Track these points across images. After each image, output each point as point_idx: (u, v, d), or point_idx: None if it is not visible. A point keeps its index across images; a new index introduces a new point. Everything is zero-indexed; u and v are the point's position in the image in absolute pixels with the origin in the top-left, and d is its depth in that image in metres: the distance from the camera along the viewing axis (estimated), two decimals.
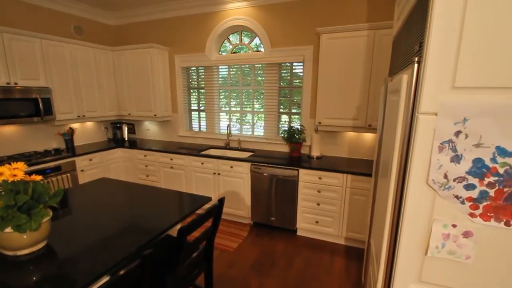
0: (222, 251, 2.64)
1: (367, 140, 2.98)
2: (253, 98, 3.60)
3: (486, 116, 0.84)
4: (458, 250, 0.95)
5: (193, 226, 1.39)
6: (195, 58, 3.69)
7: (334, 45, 2.64)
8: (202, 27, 3.54)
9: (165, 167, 3.54)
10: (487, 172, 0.87)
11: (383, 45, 2.45)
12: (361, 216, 2.60)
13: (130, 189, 2.11)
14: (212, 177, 3.26)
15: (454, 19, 0.83)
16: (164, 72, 3.80)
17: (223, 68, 3.64)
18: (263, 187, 2.99)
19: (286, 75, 3.33)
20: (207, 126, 3.94)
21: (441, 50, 0.86)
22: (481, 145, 0.86)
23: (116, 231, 1.45)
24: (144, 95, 3.75)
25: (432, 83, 0.89)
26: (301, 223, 2.88)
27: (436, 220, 0.96)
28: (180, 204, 1.84)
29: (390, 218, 1.11)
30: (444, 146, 0.90)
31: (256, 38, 3.41)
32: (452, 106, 0.87)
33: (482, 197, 0.89)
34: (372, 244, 1.67)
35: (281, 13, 3.10)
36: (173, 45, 3.78)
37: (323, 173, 2.67)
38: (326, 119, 2.83)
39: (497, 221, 0.89)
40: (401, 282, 1.06)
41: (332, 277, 2.29)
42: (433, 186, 0.94)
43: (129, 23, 4.01)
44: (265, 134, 3.59)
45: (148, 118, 3.86)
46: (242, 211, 3.17)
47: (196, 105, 3.99)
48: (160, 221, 1.58)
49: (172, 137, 4.13)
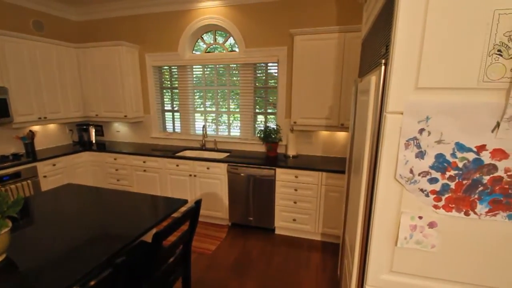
0: (200, 254, 2.59)
1: (340, 139, 3.09)
2: (228, 98, 3.57)
3: (446, 115, 0.91)
4: (424, 240, 1.02)
5: (168, 230, 1.35)
6: (167, 57, 3.58)
7: (307, 46, 2.71)
8: (174, 25, 3.45)
9: (138, 170, 3.40)
10: (448, 167, 0.94)
11: (353, 47, 2.55)
12: (336, 212, 2.69)
13: (99, 195, 2.00)
14: (188, 179, 3.19)
15: (417, 25, 0.88)
16: (134, 71, 3.65)
17: (197, 68, 3.58)
18: (240, 187, 2.98)
19: (261, 76, 3.35)
20: (181, 127, 3.85)
21: (405, 53, 0.91)
22: (442, 141, 0.93)
23: (85, 240, 1.36)
24: (113, 95, 3.57)
25: (398, 84, 0.94)
26: (279, 222, 2.92)
27: (404, 212, 1.02)
28: (155, 208, 1.77)
29: (362, 212, 1.16)
30: (409, 143, 0.96)
31: (231, 38, 3.39)
32: (416, 105, 0.93)
33: (444, 189, 0.96)
34: (346, 238, 1.73)
35: (255, 13, 3.11)
36: (143, 43, 3.64)
37: (299, 171, 2.72)
38: (301, 118, 2.89)
39: (458, 212, 0.96)
40: (374, 274, 1.12)
41: (310, 273, 2.35)
42: (400, 180, 1.00)
43: (95, 19, 3.79)
44: (242, 134, 3.58)
45: (118, 119, 3.68)
46: (219, 212, 3.14)
47: (169, 106, 3.88)
48: (133, 227, 1.51)
49: (145, 139, 3.98)
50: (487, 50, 0.84)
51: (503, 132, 0.86)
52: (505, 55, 0.82)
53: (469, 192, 0.94)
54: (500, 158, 0.88)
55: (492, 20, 0.81)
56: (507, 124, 0.85)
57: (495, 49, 0.83)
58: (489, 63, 0.84)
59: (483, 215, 0.94)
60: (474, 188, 0.93)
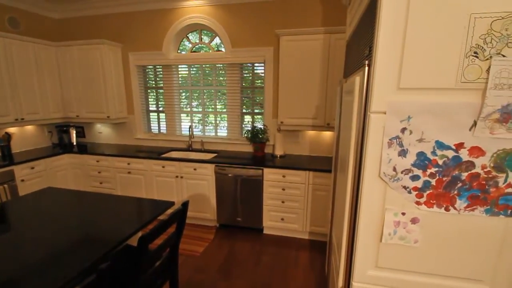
0: (187, 257, 2.56)
1: (326, 138, 3.14)
2: (215, 99, 3.55)
3: (426, 114, 0.94)
4: (408, 235, 1.05)
5: (154, 233, 1.32)
6: (151, 56, 3.51)
7: (293, 47, 2.73)
8: (158, 24, 3.39)
9: (122, 173, 3.31)
10: (429, 164, 0.97)
11: (337, 48, 2.60)
12: (323, 211, 2.73)
13: (81, 199, 1.93)
14: (174, 180, 3.14)
15: (398, 28, 0.91)
16: (117, 70, 3.55)
17: (183, 68, 3.53)
18: (228, 188, 2.97)
19: (248, 76, 3.35)
20: (167, 127, 3.78)
21: (387, 54, 0.94)
22: (423, 140, 0.96)
23: (67, 246, 1.31)
24: (94, 95, 3.46)
25: (381, 85, 0.97)
26: (267, 222, 2.93)
27: (388, 209, 1.05)
28: (140, 211, 1.73)
29: (348, 210, 1.18)
30: (392, 142, 0.99)
31: (217, 37, 3.37)
32: (398, 105, 0.96)
33: (425, 186, 1.00)
34: (333, 236, 1.76)
35: (241, 13, 3.10)
36: (126, 42, 3.55)
37: (287, 171, 2.74)
38: (288, 118, 2.91)
39: (438, 207, 1.00)
40: (360, 270, 1.14)
41: (298, 271, 2.37)
42: (384, 178, 1.03)
43: (75, 16, 3.66)
44: (229, 135, 3.57)
45: (100, 120, 3.57)
46: (207, 213, 3.11)
47: (154, 106, 3.80)
48: (118, 231, 1.47)
49: (129, 140, 3.88)
50: (464, 52, 0.87)
51: (479, 130, 0.90)
52: (481, 57, 0.86)
53: (449, 188, 0.97)
54: (477, 155, 0.92)
55: (469, 23, 0.85)
56: (483, 123, 0.89)
57: (472, 51, 0.87)
58: (466, 65, 0.88)
59: (462, 210, 0.98)
60: (453, 184, 0.97)
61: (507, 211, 0.94)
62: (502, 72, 0.85)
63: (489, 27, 0.84)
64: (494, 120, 0.88)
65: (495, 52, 0.85)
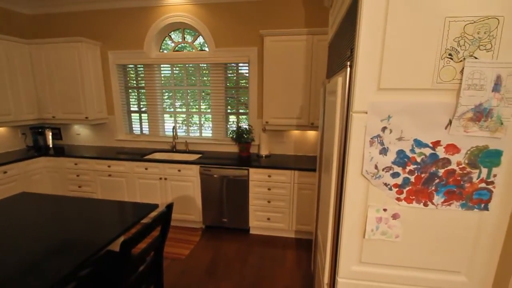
0: (173, 260, 2.51)
1: (310, 138, 3.19)
2: (199, 99, 3.50)
3: (405, 113, 0.97)
4: (389, 230, 1.09)
5: (137, 237, 1.29)
6: (132, 55, 3.42)
7: (277, 47, 2.75)
8: (139, 22, 3.30)
9: (102, 176, 3.19)
10: (408, 162, 1.01)
11: (320, 49, 2.65)
12: (308, 209, 2.77)
13: (59, 204, 1.84)
14: (158, 182, 3.07)
15: (378, 31, 0.94)
16: (96, 69, 3.43)
17: (166, 67, 3.46)
18: (213, 189, 2.94)
19: (232, 76, 3.34)
20: (150, 128, 3.69)
21: (368, 56, 0.97)
22: (402, 138, 1.00)
23: (44, 254, 1.25)
24: (72, 96, 3.31)
25: (362, 85, 0.99)
26: (253, 222, 2.93)
27: (370, 206, 1.08)
28: (122, 215, 1.68)
29: (333, 208, 1.20)
30: (374, 141, 1.02)
31: (200, 37, 3.33)
32: (379, 105, 0.99)
33: (405, 183, 1.03)
34: (319, 234, 1.79)
35: (225, 13, 3.09)
36: (106, 40, 3.43)
37: (272, 171, 2.76)
38: (272, 118, 2.92)
39: (417, 203, 1.04)
40: (345, 266, 1.17)
41: (285, 270, 2.39)
42: (366, 176, 1.05)
43: (51, 13, 3.49)
44: (214, 135, 3.54)
45: (78, 121, 3.42)
46: (192, 215, 3.06)
47: (136, 106, 3.70)
48: (99, 236, 1.42)
49: (109, 142, 3.75)
50: (439, 54, 0.91)
51: (454, 129, 0.95)
52: (455, 58, 0.91)
53: (427, 184, 1.02)
54: (453, 153, 0.97)
55: (444, 27, 0.89)
56: (458, 121, 0.94)
57: (447, 53, 0.91)
58: (441, 66, 0.92)
59: (439, 205, 1.03)
60: (431, 180, 1.01)
61: (481, 205, 1.00)
62: (474, 73, 0.89)
63: (462, 30, 0.88)
64: (468, 119, 0.93)
65: (468, 54, 0.89)
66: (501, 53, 0.88)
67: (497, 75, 0.88)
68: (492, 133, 0.93)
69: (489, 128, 0.92)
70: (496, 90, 0.89)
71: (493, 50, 0.88)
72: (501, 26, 0.86)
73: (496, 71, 0.88)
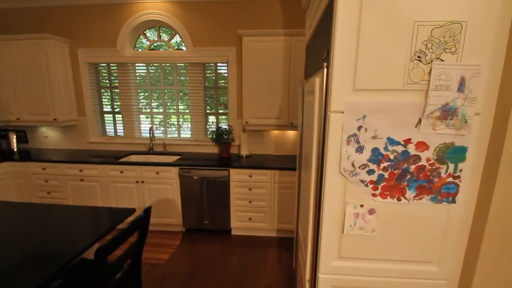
0: (152, 266, 2.43)
1: (290, 137, 3.23)
2: (177, 99, 3.42)
3: (379, 113, 1.02)
4: (366, 225, 1.13)
5: (113, 244, 1.23)
6: (104, 53, 3.26)
7: (255, 47, 2.76)
8: (112, 19, 3.16)
9: (73, 180, 3.02)
10: (382, 159, 1.05)
11: (298, 50, 2.69)
12: (289, 208, 2.80)
13: (26, 211, 1.72)
14: (135, 186, 2.96)
15: (352, 33, 0.97)
16: (65, 68, 3.23)
17: (141, 66, 3.34)
18: (193, 191, 2.89)
19: (211, 76, 3.30)
20: (125, 130, 3.54)
21: (343, 58, 0.99)
22: (376, 137, 1.04)
23: (10, 266, 1.16)
24: (38, 96, 3.10)
25: (339, 86, 1.02)
26: (235, 222, 2.91)
27: (348, 202, 1.11)
28: (96, 221, 1.60)
29: (313, 205, 1.23)
30: (350, 139, 1.05)
31: (177, 35, 3.26)
32: (354, 105, 1.02)
33: (379, 179, 1.08)
34: (300, 231, 1.82)
35: (202, 12, 3.04)
36: (75, 37, 3.25)
37: (253, 171, 2.76)
38: (252, 118, 2.93)
39: (391, 198, 1.09)
40: (325, 262, 1.20)
41: (267, 270, 2.40)
42: (344, 174, 1.09)
43: (13, 7, 3.23)
44: (193, 136, 3.47)
45: (45, 123, 3.21)
46: (172, 218, 2.99)
47: (109, 107, 3.54)
48: (71, 244, 1.34)
49: (81, 145, 3.56)
50: (409, 56, 0.96)
51: (424, 127, 1.00)
52: (423, 60, 0.96)
53: (400, 180, 1.07)
54: (423, 150, 1.03)
55: (413, 30, 0.94)
56: (426, 120, 0.99)
57: (416, 55, 0.96)
58: (411, 68, 0.97)
59: (411, 199, 1.08)
60: (403, 176, 1.06)
61: (449, 198, 1.07)
62: (441, 74, 0.95)
63: (429, 34, 0.94)
64: (435, 117, 0.99)
65: (435, 56, 0.95)
66: (464, 55, 0.94)
67: (461, 76, 0.95)
68: (458, 130, 0.99)
69: (454, 126, 0.99)
70: (460, 91, 0.96)
71: (457, 53, 0.94)
72: (464, 31, 0.92)
73: (460, 73, 0.95)
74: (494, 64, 0.98)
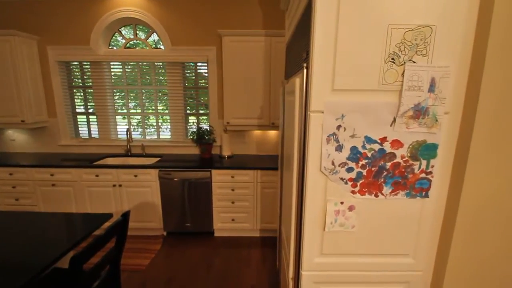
0: (132, 272, 2.35)
1: (271, 137, 3.25)
2: (156, 99, 3.33)
3: (356, 112, 1.05)
4: (346, 222, 1.16)
5: (89, 251, 1.17)
6: (76, 51, 3.10)
7: (236, 47, 2.75)
8: (84, 15, 3.01)
9: (44, 186, 2.85)
10: (360, 157, 1.09)
11: (278, 50, 2.71)
12: (272, 207, 2.82)
13: None
14: (111, 190, 2.84)
15: (330, 35, 0.99)
16: (33, 66, 3.04)
17: (116, 65, 3.22)
18: (174, 193, 2.82)
19: (191, 75, 3.24)
20: (99, 131, 3.39)
21: (322, 59, 1.01)
22: (355, 135, 1.07)
23: None
24: (3, 96, 2.89)
25: (318, 86, 1.04)
26: (217, 224, 2.88)
27: (329, 200, 1.14)
28: (70, 228, 1.52)
29: (295, 204, 1.24)
30: (330, 138, 1.08)
31: (154, 34, 3.17)
32: (333, 105, 1.05)
33: (358, 177, 1.11)
34: (283, 230, 1.83)
35: (180, 10, 2.98)
36: (44, 34, 3.06)
37: (235, 171, 2.75)
38: (234, 119, 2.91)
39: (369, 194, 1.13)
40: (308, 259, 1.21)
41: (251, 270, 2.40)
42: (324, 172, 1.11)
43: None
44: (173, 137, 3.39)
45: (12, 125, 3.00)
46: (152, 222, 2.90)
47: (82, 107, 3.37)
48: (43, 253, 1.26)
49: (52, 148, 3.36)
50: (384, 58, 1.00)
51: (398, 126, 1.05)
52: (397, 62, 1.00)
53: (377, 177, 1.11)
54: (397, 147, 1.07)
55: (387, 33, 0.98)
56: (400, 119, 1.04)
57: (390, 57, 1.00)
58: (386, 69, 1.01)
59: (388, 195, 1.13)
60: (380, 173, 1.10)
61: (422, 193, 1.12)
62: (413, 76, 1.00)
63: (402, 37, 0.98)
64: (408, 116, 1.04)
65: (407, 58, 0.99)
66: (434, 58, 0.99)
67: (431, 77, 1.00)
68: (429, 129, 1.05)
69: (426, 125, 1.04)
70: (431, 91, 1.01)
71: (428, 55, 0.99)
72: (434, 34, 0.97)
73: (431, 74, 1.00)
74: (461, 66, 1.05)
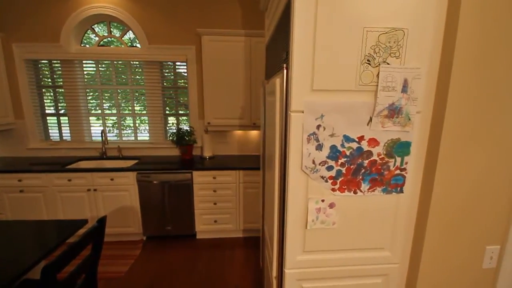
0: (109, 280, 2.25)
1: (253, 137, 3.25)
2: (132, 99, 3.22)
3: (335, 112, 1.08)
4: (327, 219, 1.19)
5: (63, 260, 1.11)
6: (45, 49, 2.93)
7: (215, 47, 2.72)
8: (54, 10, 2.84)
9: (11, 192, 2.65)
10: (339, 155, 1.12)
11: (258, 51, 2.72)
12: (254, 207, 2.83)
13: None
14: (86, 195, 2.70)
15: (308, 37, 1.01)
16: None
17: (89, 63, 3.07)
18: (154, 196, 2.74)
19: (170, 75, 3.17)
20: (72, 133, 3.22)
21: (301, 60, 1.03)
22: (334, 134, 1.10)
23: None
24: None
25: (298, 86, 1.06)
26: (199, 226, 2.84)
27: (310, 198, 1.16)
28: (41, 236, 1.43)
29: (277, 203, 1.25)
30: (310, 138, 1.10)
31: (130, 32, 3.06)
32: (313, 105, 1.07)
33: (338, 174, 1.14)
34: (266, 230, 1.84)
35: (157, 7, 2.90)
36: (8, 30, 2.86)
37: (217, 172, 2.72)
38: (214, 119, 2.89)
39: (349, 192, 1.16)
40: (291, 257, 1.23)
41: (234, 270, 2.39)
42: (305, 171, 1.13)
43: None
44: (151, 138, 3.30)
45: None
46: (131, 227, 2.80)
47: (53, 108, 3.18)
48: (13, 263, 1.17)
49: (19, 151, 3.14)
50: (360, 60, 1.03)
51: (374, 125, 1.09)
52: (372, 64, 1.04)
53: (356, 174, 1.14)
54: (374, 145, 1.12)
55: (362, 35, 1.01)
56: (376, 118, 1.08)
57: (366, 59, 1.03)
58: (362, 70, 1.04)
59: (366, 192, 1.17)
60: (358, 171, 1.14)
61: (397, 189, 1.17)
62: (387, 77, 1.04)
63: (377, 39, 1.02)
64: (384, 116, 1.08)
65: (382, 60, 1.04)
66: (407, 59, 1.04)
67: (404, 78, 1.05)
68: (403, 127, 1.10)
69: (400, 123, 1.09)
70: (404, 91, 1.06)
71: (401, 57, 1.04)
72: (406, 37, 1.02)
73: (404, 75, 1.05)
74: (431, 67, 1.11)
